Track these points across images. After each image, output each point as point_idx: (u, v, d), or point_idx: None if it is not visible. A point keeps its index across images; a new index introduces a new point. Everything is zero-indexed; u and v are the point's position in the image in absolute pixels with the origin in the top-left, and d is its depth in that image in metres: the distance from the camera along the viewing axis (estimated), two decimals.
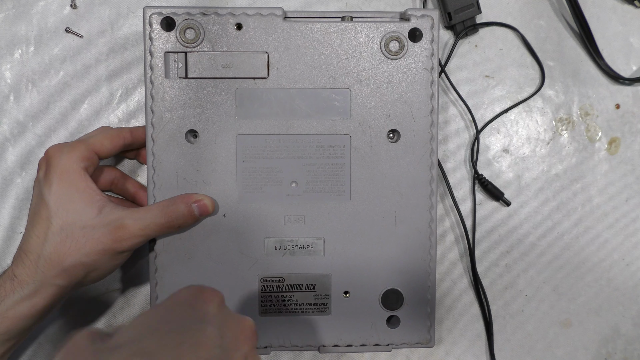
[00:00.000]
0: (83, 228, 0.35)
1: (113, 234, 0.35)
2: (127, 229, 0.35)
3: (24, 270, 0.34)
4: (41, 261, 0.34)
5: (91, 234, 0.34)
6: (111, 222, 0.35)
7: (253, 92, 0.39)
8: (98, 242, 0.34)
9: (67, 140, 0.38)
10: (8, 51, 0.43)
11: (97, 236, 0.34)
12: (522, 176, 0.46)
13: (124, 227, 0.35)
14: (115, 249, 0.35)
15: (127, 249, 0.36)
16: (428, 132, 0.39)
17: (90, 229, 0.35)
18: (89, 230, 0.35)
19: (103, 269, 0.36)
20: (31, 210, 0.36)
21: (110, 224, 0.35)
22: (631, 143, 0.46)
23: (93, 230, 0.35)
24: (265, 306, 0.40)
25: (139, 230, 0.35)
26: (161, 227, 0.36)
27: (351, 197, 0.39)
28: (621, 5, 0.47)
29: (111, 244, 0.35)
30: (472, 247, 0.45)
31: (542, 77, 0.45)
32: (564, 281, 0.46)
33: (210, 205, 0.38)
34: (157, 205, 0.37)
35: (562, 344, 0.46)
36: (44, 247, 0.34)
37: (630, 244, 0.46)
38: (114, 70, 0.44)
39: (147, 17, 0.38)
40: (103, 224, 0.35)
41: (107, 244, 0.35)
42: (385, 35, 0.38)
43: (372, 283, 0.40)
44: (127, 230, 0.35)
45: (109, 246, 0.35)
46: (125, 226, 0.35)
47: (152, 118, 0.38)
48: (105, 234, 0.35)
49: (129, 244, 0.35)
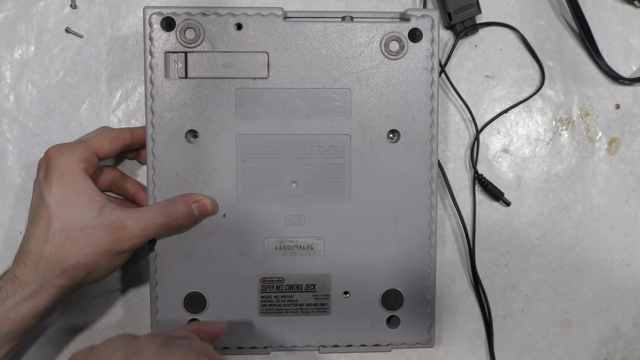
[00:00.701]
0: (83, 229, 0.35)
1: (113, 234, 0.35)
2: (127, 229, 0.35)
3: (24, 271, 0.34)
4: (42, 262, 0.34)
5: (91, 234, 0.35)
6: (111, 223, 0.35)
7: (253, 92, 0.39)
8: (98, 242, 0.35)
9: (67, 141, 0.38)
10: (8, 51, 0.43)
11: (98, 237, 0.35)
12: (522, 176, 0.46)
13: (124, 228, 0.35)
14: (115, 249, 0.35)
15: (127, 249, 0.36)
16: (428, 132, 0.39)
17: (90, 229, 0.35)
18: (89, 231, 0.35)
19: (103, 269, 0.36)
20: (31, 211, 0.36)
21: (110, 225, 0.35)
22: (631, 143, 0.46)
23: (93, 230, 0.35)
24: (265, 306, 0.40)
25: (138, 231, 0.35)
26: (161, 228, 0.36)
27: (351, 197, 0.39)
28: (621, 5, 0.47)
29: (111, 244, 0.35)
30: (472, 247, 0.45)
31: (542, 77, 0.45)
32: (564, 281, 0.46)
33: (210, 205, 0.38)
34: (157, 206, 0.37)
35: (562, 344, 0.46)
36: (44, 248, 0.34)
37: (630, 244, 0.46)
38: (114, 70, 0.44)
39: (147, 17, 0.38)
40: (103, 224, 0.35)
41: (107, 244, 0.35)
42: (385, 35, 0.38)
43: (372, 283, 0.40)
44: (127, 230, 0.35)
45: (109, 247, 0.35)
46: (125, 227, 0.35)
47: (152, 118, 0.38)
48: (105, 235, 0.35)
49: (129, 245, 0.35)
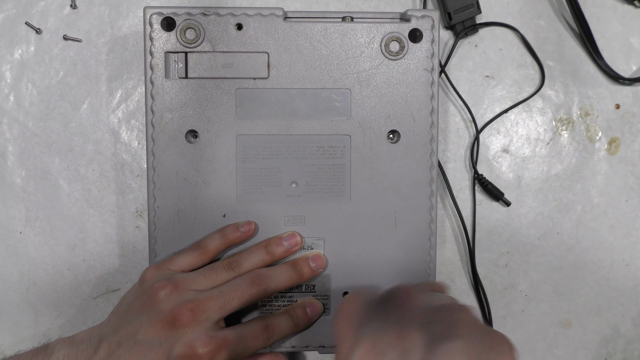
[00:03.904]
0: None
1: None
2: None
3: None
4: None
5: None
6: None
7: (253, 92, 0.39)
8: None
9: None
10: (8, 51, 0.43)
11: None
12: (522, 176, 0.46)
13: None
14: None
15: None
16: (428, 132, 0.39)
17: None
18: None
19: None
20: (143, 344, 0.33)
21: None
22: (631, 143, 0.46)
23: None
24: (265, 306, 0.40)
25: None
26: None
27: (351, 197, 0.39)
28: (621, 5, 0.47)
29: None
30: (472, 248, 0.45)
31: (542, 77, 0.45)
32: (564, 281, 0.46)
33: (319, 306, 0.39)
34: None
35: (562, 344, 0.46)
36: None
37: (630, 244, 0.46)
38: (114, 70, 0.43)
39: (147, 17, 0.38)
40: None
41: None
42: (386, 35, 0.38)
43: (372, 283, 0.40)
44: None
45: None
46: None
47: (152, 118, 0.38)
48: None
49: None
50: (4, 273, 0.43)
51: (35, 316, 0.44)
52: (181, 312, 0.33)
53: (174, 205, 0.39)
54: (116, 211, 0.44)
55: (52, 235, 0.43)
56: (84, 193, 0.44)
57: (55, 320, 0.43)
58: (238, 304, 0.35)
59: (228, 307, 0.35)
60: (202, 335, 0.33)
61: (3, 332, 0.43)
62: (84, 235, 0.44)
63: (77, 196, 0.44)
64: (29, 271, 0.43)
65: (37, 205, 0.43)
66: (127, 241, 0.44)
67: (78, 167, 0.43)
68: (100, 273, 0.44)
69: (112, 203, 0.44)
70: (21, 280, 0.43)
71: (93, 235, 0.44)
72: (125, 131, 0.44)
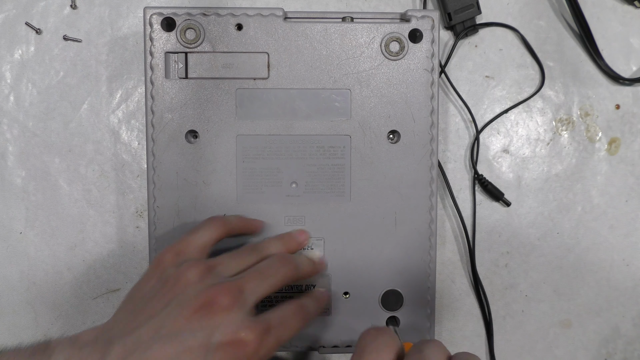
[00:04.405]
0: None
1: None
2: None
3: None
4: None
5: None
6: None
7: (253, 92, 0.39)
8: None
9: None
10: (8, 51, 0.43)
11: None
12: (522, 176, 0.46)
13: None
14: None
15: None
16: (428, 133, 0.39)
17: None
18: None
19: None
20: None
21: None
22: (631, 143, 0.46)
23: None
24: (265, 307, 0.40)
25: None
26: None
27: (351, 197, 0.39)
28: (621, 6, 0.47)
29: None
30: (472, 248, 0.45)
31: (542, 77, 0.45)
32: (564, 281, 0.46)
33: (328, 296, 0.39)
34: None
35: (562, 344, 0.46)
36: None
37: (630, 244, 0.46)
38: (114, 70, 0.44)
39: (147, 17, 0.38)
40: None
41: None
42: (386, 36, 0.38)
43: (372, 284, 0.40)
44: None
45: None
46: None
47: (152, 118, 0.38)
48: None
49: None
50: (4, 273, 0.43)
51: (35, 316, 0.44)
52: (219, 295, 0.29)
53: (174, 205, 0.39)
54: (116, 211, 0.44)
55: (52, 235, 0.43)
56: (84, 193, 0.44)
57: (55, 320, 0.43)
58: (275, 283, 0.32)
59: (267, 287, 0.31)
60: (244, 319, 0.29)
61: (3, 332, 0.43)
62: (84, 236, 0.44)
63: (77, 196, 0.44)
64: (29, 271, 0.43)
65: (37, 206, 0.43)
66: (127, 241, 0.44)
67: (78, 168, 0.43)
68: (100, 273, 0.44)
69: (112, 203, 0.44)
70: (21, 281, 0.43)
71: (93, 236, 0.44)
72: (125, 131, 0.44)
